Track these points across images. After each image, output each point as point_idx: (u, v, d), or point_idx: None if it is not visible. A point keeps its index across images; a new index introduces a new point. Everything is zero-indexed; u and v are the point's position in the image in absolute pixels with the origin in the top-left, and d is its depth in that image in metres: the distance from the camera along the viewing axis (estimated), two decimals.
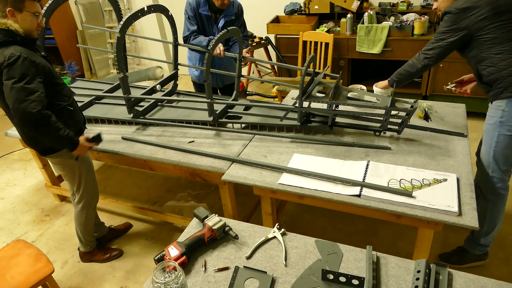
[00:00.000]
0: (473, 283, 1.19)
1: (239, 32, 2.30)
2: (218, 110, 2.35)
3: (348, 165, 1.86)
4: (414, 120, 2.19)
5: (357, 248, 1.35)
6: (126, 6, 5.20)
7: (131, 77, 4.83)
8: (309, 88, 2.09)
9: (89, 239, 2.41)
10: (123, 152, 2.23)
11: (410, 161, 1.86)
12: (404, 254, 1.61)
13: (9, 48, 1.70)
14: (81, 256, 2.50)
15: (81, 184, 2.17)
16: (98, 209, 3.02)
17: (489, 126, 1.86)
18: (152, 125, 2.51)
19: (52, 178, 3.04)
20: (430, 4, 3.78)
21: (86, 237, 2.38)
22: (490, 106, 1.87)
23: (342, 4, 3.93)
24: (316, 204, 1.80)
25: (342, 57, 3.92)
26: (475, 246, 2.11)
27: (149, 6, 2.27)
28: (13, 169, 3.70)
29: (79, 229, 2.34)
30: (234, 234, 1.42)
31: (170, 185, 3.21)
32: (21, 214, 3.06)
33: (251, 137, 2.23)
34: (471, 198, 1.59)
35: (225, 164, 2.00)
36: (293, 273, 1.29)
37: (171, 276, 1.16)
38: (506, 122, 1.78)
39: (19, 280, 1.79)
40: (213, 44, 2.07)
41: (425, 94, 3.77)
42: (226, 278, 1.29)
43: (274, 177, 1.84)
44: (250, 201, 2.81)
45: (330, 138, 2.13)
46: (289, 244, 1.41)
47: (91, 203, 2.28)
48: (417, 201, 1.57)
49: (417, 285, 1.16)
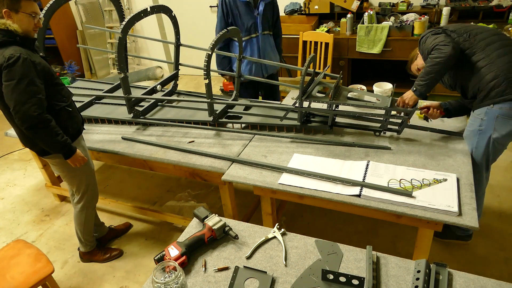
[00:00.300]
0: (473, 283, 1.19)
1: (239, 32, 2.30)
2: (218, 110, 2.35)
3: (348, 165, 1.86)
4: (414, 120, 2.19)
5: (357, 248, 1.35)
6: (126, 6, 5.20)
7: (131, 77, 4.84)
8: (309, 88, 2.09)
9: (89, 239, 2.41)
10: (123, 152, 2.23)
11: (410, 161, 1.86)
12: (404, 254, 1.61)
13: (8, 49, 1.70)
14: (81, 256, 2.49)
15: (81, 185, 2.17)
16: (98, 209, 3.02)
17: (469, 133, 1.93)
18: (152, 125, 2.51)
19: (52, 178, 3.04)
20: (430, 4, 3.78)
21: (86, 237, 2.38)
22: (471, 114, 1.91)
23: (342, 4, 3.93)
24: (316, 204, 1.80)
25: (342, 57, 3.91)
26: (456, 227, 2.19)
27: (152, 6, 2.26)
28: (13, 169, 3.70)
29: (79, 229, 2.34)
30: (234, 234, 1.42)
31: (170, 185, 3.21)
32: (21, 214, 3.06)
33: (251, 137, 2.23)
34: (471, 198, 1.59)
35: (225, 164, 2.00)
36: (293, 273, 1.29)
37: (171, 276, 1.16)
38: (484, 130, 1.83)
39: (19, 280, 1.79)
40: (213, 44, 2.08)
41: None
42: (226, 278, 1.29)
43: (274, 177, 1.84)
44: (250, 201, 2.81)
45: (330, 138, 2.13)
46: (289, 244, 1.41)
47: (90, 203, 2.28)
48: (417, 201, 1.57)
49: (417, 285, 1.16)
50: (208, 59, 2.07)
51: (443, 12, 3.54)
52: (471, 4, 3.57)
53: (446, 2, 3.72)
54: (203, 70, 2.11)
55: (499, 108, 1.76)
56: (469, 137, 1.93)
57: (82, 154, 1.99)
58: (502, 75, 1.74)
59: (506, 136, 1.81)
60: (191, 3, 4.85)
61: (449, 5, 3.60)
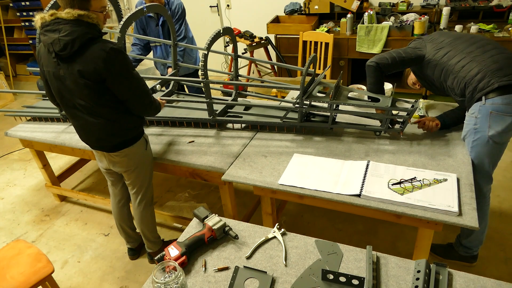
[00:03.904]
0: (473, 283, 1.19)
1: (231, 31, 2.32)
2: (218, 110, 2.35)
3: (348, 165, 1.86)
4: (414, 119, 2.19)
5: (357, 248, 1.35)
6: (126, 6, 5.20)
7: None
8: (310, 88, 2.09)
9: (156, 235, 2.36)
10: None
11: (410, 161, 1.86)
12: (404, 254, 1.61)
13: (105, 42, 1.67)
14: (152, 257, 2.41)
15: (145, 179, 2.12)
16: (98, 209, 3.03)
17: (465, 133, 1.90)
18: (152, 124, 2.51)
19: (52, 178, 3.04)
20: (430, 4, 3.78)
21: (154, 234, 2.33)
22: (466, 115, 1.89)
23: (342, 4, 3.93)
24: (316, 204, 1.80)
25: (342, 57, 3.92)
26: (459, 246, 2.17)
27: (148, 6, 2.27)
28: (13, 169, 3.70)
29: (147, 229, 2.27)
30: (234, 234, 1.42)
31: (170, 185, 3.21)
32: (21, 214, 3.06)
33: (251, 137, 2.23)
34: (471, 198, 1.58)
35: (225, 164, 2.00)
36: (293, 273, 1.29)
37: (171, 276, 1.16)
38: (479, 129, 1.80)
39: (19, 280, 1.79)
40: (209, 44, 2.09)
41: (425, 94, 3.77)
42: (226, 278, 1.29)
43: (274, 177, 1.84)
44: (250, 201, 2.81)
45: (331, 138, 2.13)
46: (289, 244, 1.41)
47: (152, 199, 2.24)
48: (417, 201, 1.57)
49: (417, 285, 1.16)
50: (205, 59, 2.08)
51: (443, 12, 3.54)
52: (471, 4, 3.57)
53: (446, 2, 3.72)
54: (200, 69, 2.12)
55: (491, 104, 1.73)
56: (466, 138, 1.91)
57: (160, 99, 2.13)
58: (484, 68, 1.77)
59: (502, 133, 1.76)
60: (191, 3, 4.85)
61: (449, 5, 3.60)
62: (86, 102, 1.75)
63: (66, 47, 1.61)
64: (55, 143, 2.52)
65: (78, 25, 1.61)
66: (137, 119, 1.93)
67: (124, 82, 1.73)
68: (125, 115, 1.86)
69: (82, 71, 1.65)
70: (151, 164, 2.14)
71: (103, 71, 1.65)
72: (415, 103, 1.97)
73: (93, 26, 1.65)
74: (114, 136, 1.90)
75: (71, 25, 1.61)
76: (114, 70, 1.67)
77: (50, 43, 1.63)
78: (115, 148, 1.95)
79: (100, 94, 1.73)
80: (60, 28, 1.61)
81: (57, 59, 1.67)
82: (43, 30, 1.65)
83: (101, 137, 1.90)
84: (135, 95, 1.79)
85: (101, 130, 1.86)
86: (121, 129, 1.90)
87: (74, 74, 1.66)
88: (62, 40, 1.60)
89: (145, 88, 1.83)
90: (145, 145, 2.05)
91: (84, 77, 1.66)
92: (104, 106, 1.78)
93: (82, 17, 1.62)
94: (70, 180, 3.35)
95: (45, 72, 1.77)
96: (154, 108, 1.93)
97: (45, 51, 1.71)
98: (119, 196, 2.29)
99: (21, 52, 6.02)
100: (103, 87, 1.71)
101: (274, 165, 1.93)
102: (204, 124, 2.42)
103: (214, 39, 2.14)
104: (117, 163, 2.01)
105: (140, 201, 2.18)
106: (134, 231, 2.44)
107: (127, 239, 2.44)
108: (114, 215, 2.34)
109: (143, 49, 3.22)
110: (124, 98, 1.78)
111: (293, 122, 2.19)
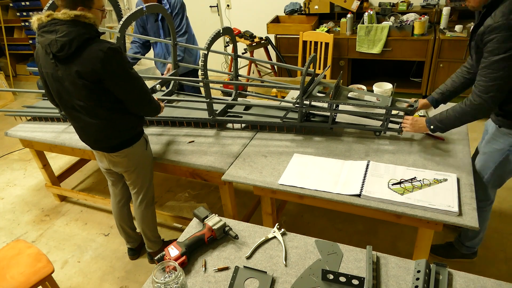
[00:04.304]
0: (473, 283, 1.19)
1: (231, 31, 2.32)
2: (218, 110, 2.36)
3: (348, 165, 1.86)
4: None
5: (357, 248, 1.35)
6: (126, 6, 5.20)
7: None
8: (310, 88, 2.09)
9: (157, 235, 2.36)
10: None
11: (410, 161, 1.86)
12: (404, 254, 1.61)
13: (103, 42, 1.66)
14: (152, 257, 2.41)
15: (146, 179, 2.12)
16: (98, 209, 3.03)
17: (492, 150, 1.80)
18: (152, 124, 2.51)
19: (52, 178, 3.04)
20: (430, 4, 3.78)
21: (155, 234, 2.33)
22: (496, 129, 1.77)
23: (342, 4, 3.93)
24: (316, 204, 1.80)
25: (342, 57, 3.92)
26: (461, 246, 2.18)
27: (148, 6, 2.27)
28: (13, 169, 3.70)
29: (147, 228, 2.27)
30: (234, 234, 1.42)
31: (170, 185, 3.21)
32: (21, 214, 3.06)
33: (251, 137, 2.23)
34: (471, 198, 1.58)
35: (225, 164, 2.00)
36: (293, 273, 1.29)
37: (171, 276, 1.16)
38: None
39: (19, 280, 1.79)
40: (208, 43, 2.09)
41: (425, 94, 3.77)
42: (226, 278, 1.29)
43: (274, 177, 1.84)
44: (250, 201, 2.81)
45: (331, 138, 2.13)
46: (289, 244, 1.41)
47: (153, 199, 2.24)
48: (417, 201, 1.57)
49: (417, 285, 1.16)
50: (205, 58, 2.08)
51: (443, 12, 3.54)
52: None
53: (446, 2, 3.72)
54: (200, 69, 2.12)
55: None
56: (492, 154, 1.81)
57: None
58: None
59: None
60: (191, 3, 4.84)
61: (449, 5, 3.60)
62: (85, 103, 1.75)
63: (64, 48, 1.61)
64: (55, 143, 2.52)
65: (75, 25, 1.61)
66: (135, 119, 1.93)
67: (122, 82, 1.73)
68: (124, 115, 1.86)
69: (80, 71, 1.64)
70: (151, 164, 2.14)
71: (100, 71, 1.64)
72: (415, 103, 1.97)
73: (90, 26, 1.65)
74: (113, 137, 1.90)
75: (68, 26, 1.60)
76: (112, 70, 1.67)
77: (48, 44, 1.62)
78: (115, 149, 1.94)
79: (98, 94, 1.73)
80: (57, 29, 1.61)
81: (55, 60, 1.67)
82: (40, 31, 1.65)
83: (100, 138, 1.90)
84: (134, 94, 1.79)
85: (100, 130, 1.85)
86: (120, 130, 1.89)
87: (72, 75, 1.66)
88: (59, 41, 1.60)
89: (143, 88, 1.82)
90: (145, 145, 2.05)
91: (82, 77, 1.66)
92: (103, 106, 1.77)
93: (78, 18, 1.61)
94: (70, 180, 3.35)
95: (44, 74, 1.77)
96: (154, 107, 1.93)
97: (43, 53, 1.70)
98: (119, 196, 2.29)
99: (21, 52, 6.02)
100: (101, 87, 1.71)
101: (274, 165, 1.93)
102: (204, 124, 2.42)
103: (214, 39, 2.14)
104: (117, 164, 2.01)
105: (141, 201, 2.18)
106: (134, 231, 2.44)
107: (127, 239, 2.44)
108: (114, 215, 2.34)
109: (142, 47, 3.20)
110: (123, 97, 1.78)
111: (293, 122, 2.19)
